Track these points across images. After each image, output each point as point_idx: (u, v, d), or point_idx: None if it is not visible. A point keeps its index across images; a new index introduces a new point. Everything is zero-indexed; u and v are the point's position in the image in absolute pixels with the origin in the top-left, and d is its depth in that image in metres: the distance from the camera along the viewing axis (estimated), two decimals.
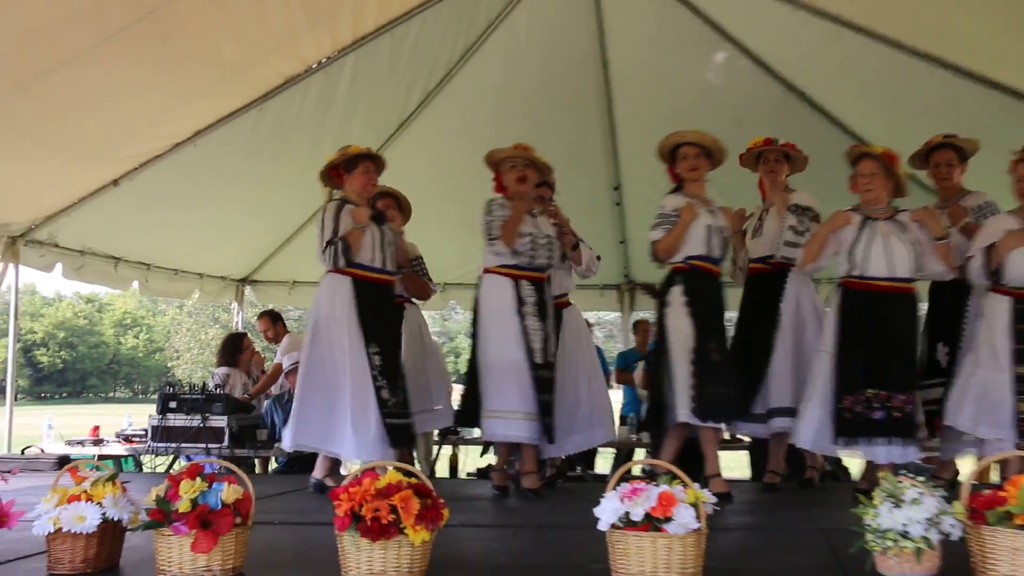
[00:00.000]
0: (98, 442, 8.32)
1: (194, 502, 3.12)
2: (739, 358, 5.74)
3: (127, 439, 8.19)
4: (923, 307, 5.67)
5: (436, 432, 7.48)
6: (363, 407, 5.37)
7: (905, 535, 3.01)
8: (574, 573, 3.39)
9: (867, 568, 3.12)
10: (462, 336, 40.85)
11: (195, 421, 7.16)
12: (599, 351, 7.33)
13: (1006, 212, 5.36)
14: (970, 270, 5.27)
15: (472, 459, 8.97)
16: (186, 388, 7.58)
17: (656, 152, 5.68)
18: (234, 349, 8.62)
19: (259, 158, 7.61)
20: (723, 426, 5.53)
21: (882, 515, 3.06)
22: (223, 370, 8.42)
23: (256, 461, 8.00)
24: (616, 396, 8.47)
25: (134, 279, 8.82)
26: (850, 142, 7.35)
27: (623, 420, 8.54)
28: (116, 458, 7.95)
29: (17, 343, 8.12)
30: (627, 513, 2.98)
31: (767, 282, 5.83)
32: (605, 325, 35.36)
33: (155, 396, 7.90)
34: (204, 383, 7.78)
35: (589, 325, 7.05)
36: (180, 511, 3.11)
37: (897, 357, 5.16)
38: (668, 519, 2.94)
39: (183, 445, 7.17)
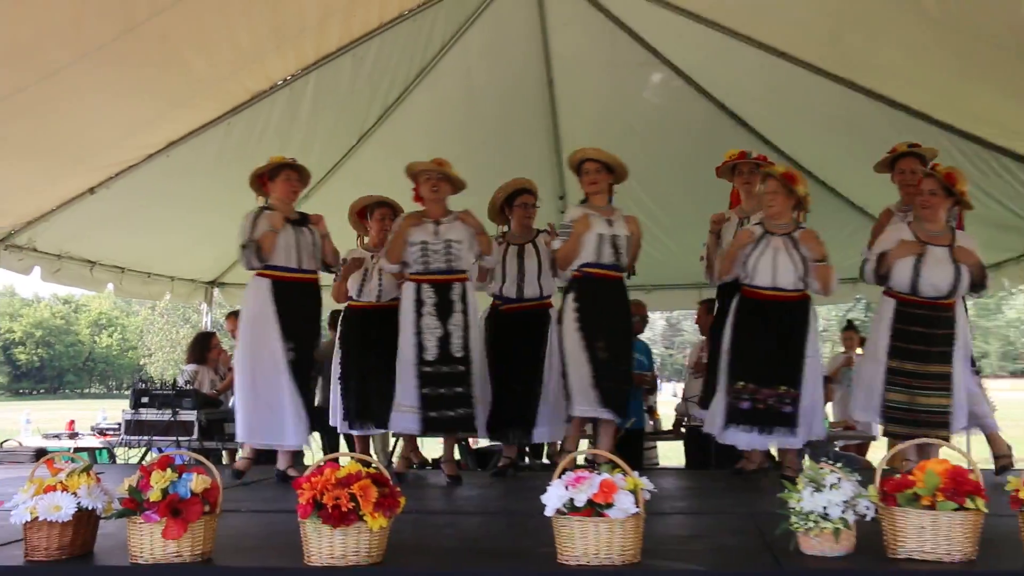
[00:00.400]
0: (74, 435, 8.22)
1: (165, 491, 3.09)
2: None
3: (101, 432, 8.09)
4: None
5: None
6: (293, 400, 5.50)
7: (825, 517, 3.06)
8: (522, 556, 3.39)
9: (791, 548, 3.15)
10: None
11: (166, 415, 7.08)
12: None
13: (904, 223, 5.50)
14: (864, 272, 5.42)
15: (427, 451, 8.94)
16: (158, 384, 7.48)
17: (567, 165, 5.76)
18: (203, 347, 8.53)
19: (227, 168, 7.52)
20: (615, 418, 5.57)
21: (805, 499, 3.10)
22: (192, 367, 8.33)
23: (224, 453, 7.92)
24: None
25: (109, 281, 8.69)
26: (775, 158, 7.44)
27: None
28: (91, 450, 7.86)
29: None
30: (571, 500, 2.99)
31: None
32: None
33: (128, 392, 7.80)
34: (175, 379, 7.70)
35: None
36: (152, 500, 3.08)
37: (774, 356, 5.30)
38: (609, 505, 2.96)
39: (155, 438, 7.08)
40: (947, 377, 5.19)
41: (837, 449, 7.82)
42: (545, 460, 8.19)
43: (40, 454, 6.71)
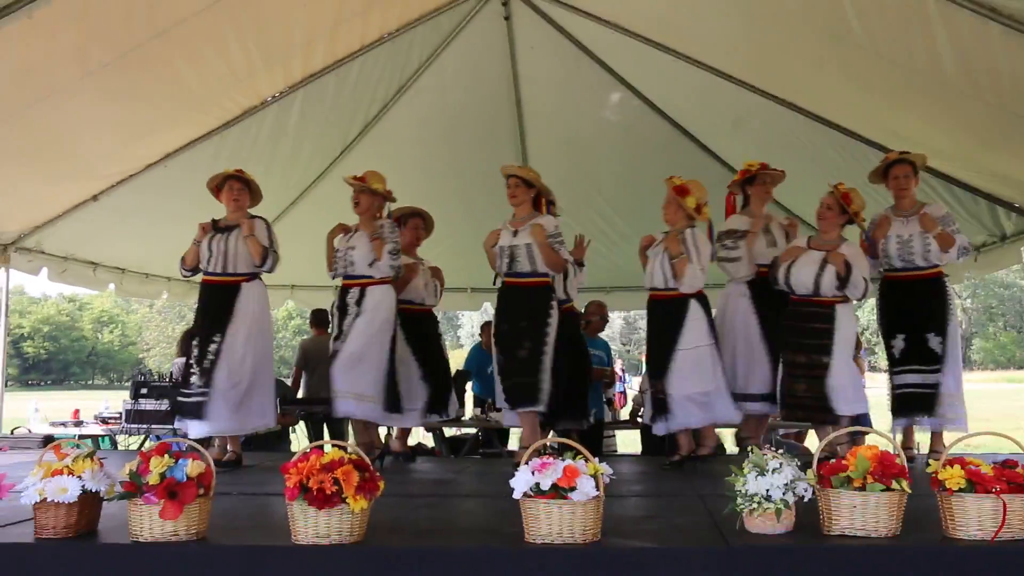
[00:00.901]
0: (78, 423, 8.12)
1: (163, 476, 3.07)
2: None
3: (104, 421, 8.01)
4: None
5: None
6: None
7: (768, 498, 3.08)
8: (492, 535, 3.38)
9: (737, 526, 3.17)
10: None
11: (163, 405, 7.03)
12: None
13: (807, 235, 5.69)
14: (770, 273, 5.56)
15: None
16: (156, 377, 7.44)
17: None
18: (189, 343, 8.44)
19: None
20: (531, 409, 5.52)
21: (749, 482, 3.12)
22: (181, 360, 8.23)
23: (216, 440, 7.85)
24: None
25: (110, 281, 8.62)
26: (724, 171, 7.49)
27: None
28: (94, 437, 7.77)
29: (7, 336, 7.90)
30: (537, 484, 3.00)
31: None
32: None
33: (128, 384, 7.73)
34: (171, 372, 7.64)
35: None
36: (150, 483, 3.06)
37: (659, 351, 5.45)
38: (572, 488, 2.96)
39: (153, 426, 7.03)
40: (824, 367, 5.23)
41: (779, 437, 7.88)
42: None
43: (48, 440, 6.62)
